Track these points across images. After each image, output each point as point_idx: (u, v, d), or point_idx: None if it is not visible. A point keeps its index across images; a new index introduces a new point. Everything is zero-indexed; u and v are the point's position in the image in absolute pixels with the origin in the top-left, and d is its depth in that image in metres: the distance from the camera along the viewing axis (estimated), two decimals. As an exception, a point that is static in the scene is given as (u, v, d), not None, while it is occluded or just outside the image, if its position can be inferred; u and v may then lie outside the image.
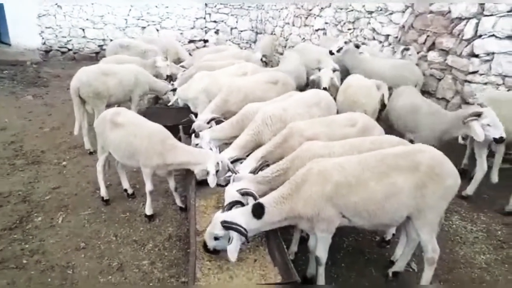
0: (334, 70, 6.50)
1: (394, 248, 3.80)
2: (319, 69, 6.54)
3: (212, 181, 3.89)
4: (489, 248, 4.05)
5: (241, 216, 3.04)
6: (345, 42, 7.12)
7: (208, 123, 5.08)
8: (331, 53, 7.00)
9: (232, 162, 4.11)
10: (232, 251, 2.99)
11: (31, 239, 4.00)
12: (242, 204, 3.29)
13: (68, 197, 4.85)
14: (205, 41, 11.40)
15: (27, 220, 4.33)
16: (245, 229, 2.97)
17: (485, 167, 4.80)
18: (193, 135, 4.79)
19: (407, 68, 6.72)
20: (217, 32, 11.42)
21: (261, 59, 9.17)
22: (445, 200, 3.02)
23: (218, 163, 3.95)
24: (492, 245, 4.11)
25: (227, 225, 2.98)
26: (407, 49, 6.96)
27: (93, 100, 5.93)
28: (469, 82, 6.30)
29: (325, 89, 6.03)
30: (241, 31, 15.79)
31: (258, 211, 3.02)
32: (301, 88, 7.15)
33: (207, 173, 3.92)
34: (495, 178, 4.90)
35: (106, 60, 7.75)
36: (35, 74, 11.09)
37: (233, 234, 2.99)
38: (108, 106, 6.03)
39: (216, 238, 3.12)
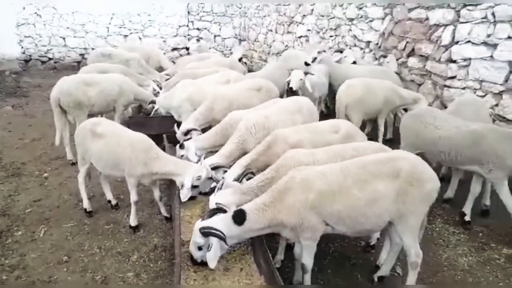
0: (306, 73, 6.52)
1: (379, 252, 3.84)
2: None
3: (184, 195, 3.92)
4: (471, 250, 4.13)
5: (220, 221, 3.03)
6: (319, 52, 7.40)
7: (185, 134, 5.06)
8: (306, 64, 7.11)
9: (213, 169, 4.10)
10: (211, 257, 2.98)
11: (11, 254, 3.89)
12: (224, 212, 3.28)
13: (49, 210, 4.74)
14: (187, 48, 11.41)
15: (6, 234, 4.21)
16: (222, 233, 2.95)
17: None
18: (177, 147, 4.77)
19: (384, 74, 6.86)
20: (198, 39, 11.46)
21: (240, 60, 9.24)
22: (425, 204, 3.08)
23: (199, 176, 3.94)
24: (474, 247, 4.19)
25: (205, 231, 2.96)
26: (385, 57, 7.05)
27: (74, 110, 5.84)
28: (448, 87, 6.46)
29: (291, 89, 6.07)
30: (225, 38, 15.84)
31: (240, 217, 3.01)
32: (282, 93, 7.20)
33: (182, 185, 3.92)
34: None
35: (85, 69, 7.58)
36: (14, 84, 10.88)
37: (213, 240, 2.98)
38: (91, 115, 5.95)
39: (200, 248, 3.10)
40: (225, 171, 4.07)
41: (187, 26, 15.09)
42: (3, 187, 5.23)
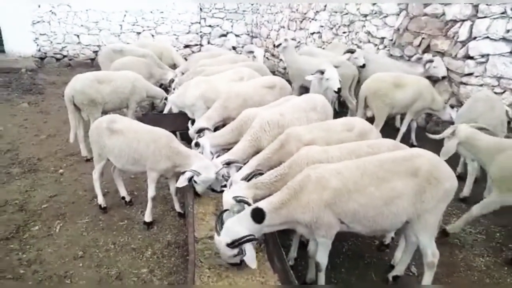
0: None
1: (394, 252, 3.80)
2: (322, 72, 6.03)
3: (180, 182, 4.08)
4: (488, 251, 4.06)
5: (241, 226, 3.01)
6: (285, 40, 7.77)
7: (198, 132, 5.08)
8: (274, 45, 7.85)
9: (226, 164, 4.12)
10: (250, 259, 3.04)
11: (28, 249, 3.96)
12: (248, 204, 3.29)
13: (65, 206, 4.81)
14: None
15: (24, 229, 4.29)
16: (251, 235, 2.96)
17: (475, 165, 4.84)
18: (192, 144, 4.79)
19: (343, 65, 6.97)
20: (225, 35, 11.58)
21: (234, 48, 9.83)
22: (443, 203, 3.03)
23: (198, 173, 4.03)
24: (491, 247, 4.12)
25: (235, 244, 2.98)
26: (431, 61, 6.68)
27: (88, 107, 5.90)
28: (465, 84, 6.34)
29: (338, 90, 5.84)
30: (237, 35, 15.81)
31: (259, 216, 3.00)
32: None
33: (189, 178, 4.06)
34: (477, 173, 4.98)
35: (115, 65, 7.77)
36: (30, 81, 11.03)
37: (244, 245, 3.00)
38: (105, 112, 6.01)
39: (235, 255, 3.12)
40: (240, 168, 4.07)
41: (199, 23, 15.10)
42: (20, 182, 5.32)
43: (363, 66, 7.31)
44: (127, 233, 4.30)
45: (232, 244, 2.97)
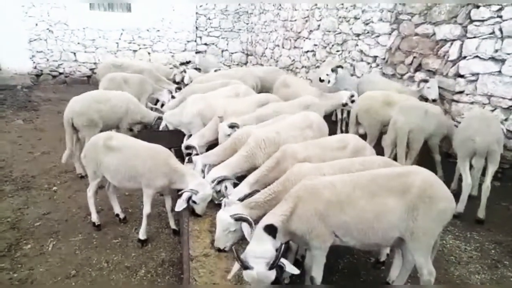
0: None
1: (390, 269, 3.78)
2: None
3: (178, 205, 4.02)
4: (483, 268, 4.06)
5: (265, 246, 2.91)
6: (196, 52, 9.16)
7: (186, 149, 5.14)
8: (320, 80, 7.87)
9: (218, 182, 4.13)
10: (292, 269, 2.90)
11: (19, 268, 3.90)
12: (249, 222, 3.27)
13: (58, 223, 4.76)
14: (187, 62, 11.39)
15: (15, 248, 4.23)
16: (279, 251, 2.86)
17: (469, 181, 4.88)
18: (185, 161, 4.80)
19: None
20: (198, 52, 11.78)
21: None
22: (438, 223, 3.00)
23: (196, 191, 4.01)
24: (487, 264, 4.12)
25: (276, 264, 2.81)
26: (426, 81, 6.75)
27: (87, 128, 5.82)
28: (456, 101, 6.45)
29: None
30: (232, 53, 16.04)
31: (273, 232, 2.96)
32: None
33: (187, 199, 4.04)
34: (475, 191, 4.95)
35: (107, 78, 7.83)
36: (25, 98, 11.05)
37: (283, 260, 2.89)
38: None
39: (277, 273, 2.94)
40: (235, 183, 4.07)
41: (195, 41, 15.31)
42: (12, 200, 5.27)
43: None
44: (121, 251, 4.25)
45: (273, 266, 2.80)
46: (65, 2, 13.23)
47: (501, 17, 5.63)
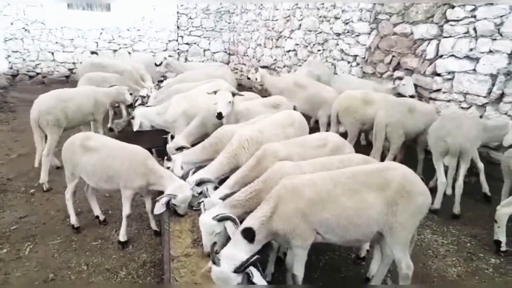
0: None
1: (370, 264, 3.85)
2: None
3: (157, 209, 3.96)
4: (459, 261, 4.17)
5: (240, 251, 2.91)
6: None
7: (177, 150, 5.07)
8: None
9: (198, 184, 4.09)
10: (259, 279, 2.81)
11: (-5, 273, 3.80)
12: (234, 220, 3.26)
13: (36, 227, 4.65)
14: (158, 64, 11.08)
15: (-10, 253, 4.12)
16: (253, 256, 2.84)
17: (443, 180, 5.00)
18: (165, 159, 4.75)
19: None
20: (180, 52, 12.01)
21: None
22: (416, 217, 3.07)
23: (174, 196, 3.97)
24: (463, 257, 4.23)
25: (241, 270, 2.78)
26: (401, 78, 6.90)
27: (51, 128, 5.60)
28: (434, 99, 6.60)
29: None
30: (214, 52, 15.97)
31: (249, 235, 2.96)
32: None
33: (166, 203, 4.00)
34: (449, 190, 5.08)
35: (85, 78, 7.75)
36: (1, 99, 10.74)
37: (250, 268, 2.82)
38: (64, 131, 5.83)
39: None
40: (216, 187, 4.05)
41: (177, 40, 15.19)
42: (-13, 204, 5.13)
43: None
44: (101, 254, 4.19)
45: (238, 270, 2.77)
46: (42, 1, 12.92)
47: (475, 17, 5.80)
